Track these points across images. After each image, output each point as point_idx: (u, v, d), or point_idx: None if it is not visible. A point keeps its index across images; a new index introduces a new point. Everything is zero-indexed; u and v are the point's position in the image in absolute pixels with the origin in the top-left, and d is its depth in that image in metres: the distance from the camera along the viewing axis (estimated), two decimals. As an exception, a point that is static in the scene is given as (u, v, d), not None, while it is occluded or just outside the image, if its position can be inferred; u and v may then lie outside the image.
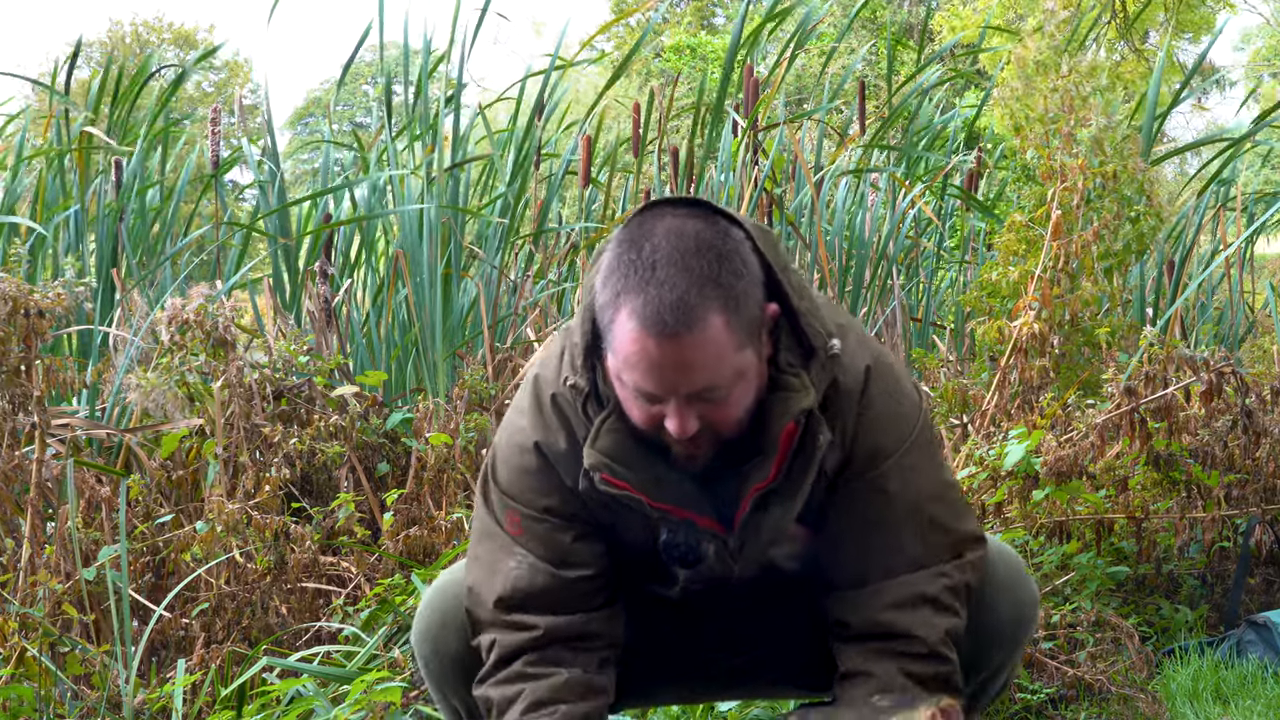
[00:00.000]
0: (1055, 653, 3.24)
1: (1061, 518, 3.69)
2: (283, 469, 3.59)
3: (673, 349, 1.77)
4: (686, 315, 1.76)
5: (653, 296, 1.77)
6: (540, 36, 36.62)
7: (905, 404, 2.01)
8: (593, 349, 1.91)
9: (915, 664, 1.93)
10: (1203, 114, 25.91)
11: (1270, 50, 27.64)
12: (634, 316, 1.78)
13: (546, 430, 1.99)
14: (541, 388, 2.01)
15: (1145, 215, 4.36)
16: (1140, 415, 3.80)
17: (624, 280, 1.80)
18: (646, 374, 1.80)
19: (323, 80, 43.77)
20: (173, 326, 3.66)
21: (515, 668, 1.99)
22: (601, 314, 1.84)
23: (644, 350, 1.78)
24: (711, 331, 1.77)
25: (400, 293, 5.33)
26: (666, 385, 1.80)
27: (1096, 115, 4.34)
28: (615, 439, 1.91)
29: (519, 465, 2.01)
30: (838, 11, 16.03)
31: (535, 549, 2.00)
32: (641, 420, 1.87)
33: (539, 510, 2.00)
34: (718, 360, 1.79)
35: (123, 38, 32.49)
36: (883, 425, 1.98)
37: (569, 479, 1.98)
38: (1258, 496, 3.89)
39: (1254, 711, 3.14)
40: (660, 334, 1.76)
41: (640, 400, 1.84)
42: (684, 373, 1.79)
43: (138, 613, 3.36)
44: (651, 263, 1.78)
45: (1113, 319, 4.36)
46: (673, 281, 1.77)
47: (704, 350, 1.78)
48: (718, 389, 1.82)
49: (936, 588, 1.95)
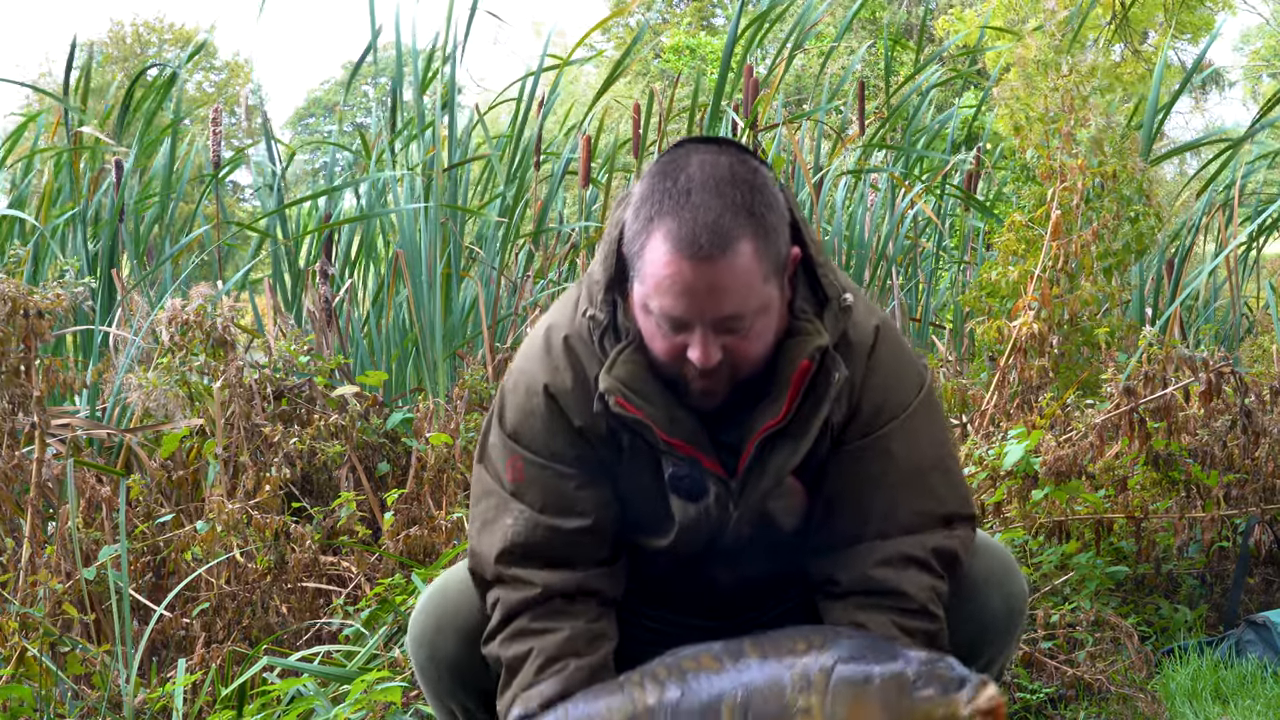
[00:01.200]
0: (1055, 652, 3.24)
1: (1061, 517, 3.69)
2: (283, 469, 3.59)
3: (704, 271, 1.80)
4: (720, 239, 1.80)
5: (687, 219, 1.81)
6: (540, 37, 36.64)
7: (911, 369, 2.04)
8: (614, 283, 1.95)
9: (906, 619, 1.95)
10: (1202, 114, 25.92)
11: (1269, 50, 27.64)
12: (668, 239, 1.81)
13: (555, 372, 2.00)
14: (553, 332, 2.03)
15: (1145, 215, 4.37)
16: (1139, 415, 3.80)
17: (658, 206, 1.83)
18: (677, 297, 1.82)
19: (323, 80, 43.79)
20: (173, 326, 3.66)
21: (519, 624, 2.00)
22: (631, 244, 1.87)
23: (676, 273, 1.81)
24: (742, 258, 1.81)
25: (400, 293, 5.33)
26: (695, 309, 1.83)
27: (1096, 115, 4.35)
28: (632, 369, 1.94)
29: (527, 408, 2.02)
30: (839, 12, 16.03)
31: (535, 499, 2.01)
32: (664, 351, 1.89)
33: (544, 454, 2.01)
34: (746, 288, 1.83)
35: (123, 38, 32.48)
36: (889, 385, 2.01)
37: (577, 418, 1.99)
38: (1257, 496, 3.89)
39: (1253, 711, 3.14)
40: (694, 255, 1.80)
41: (666, 329, 1.86)
42: (713, 297, 1.82)
43: (138, 612, 3.36)
44: (686, 189, 1.83)
45: (1112, 319, 4.36)
46: (707, 205, 1.81)
47: (734, 276, 1.81)
48: (743, 318, 1.85)
49: (926, 551, 1.98)
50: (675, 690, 1.86)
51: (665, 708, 1.83)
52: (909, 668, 1.76)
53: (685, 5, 26.91)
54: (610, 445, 2.00)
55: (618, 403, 1.93)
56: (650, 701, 1.85)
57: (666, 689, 1.85)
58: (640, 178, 1.91)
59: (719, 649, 1.86)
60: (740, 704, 1.81)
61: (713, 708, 1.83)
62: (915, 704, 1.76)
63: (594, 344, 1.98)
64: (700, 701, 1.84)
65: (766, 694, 1.80)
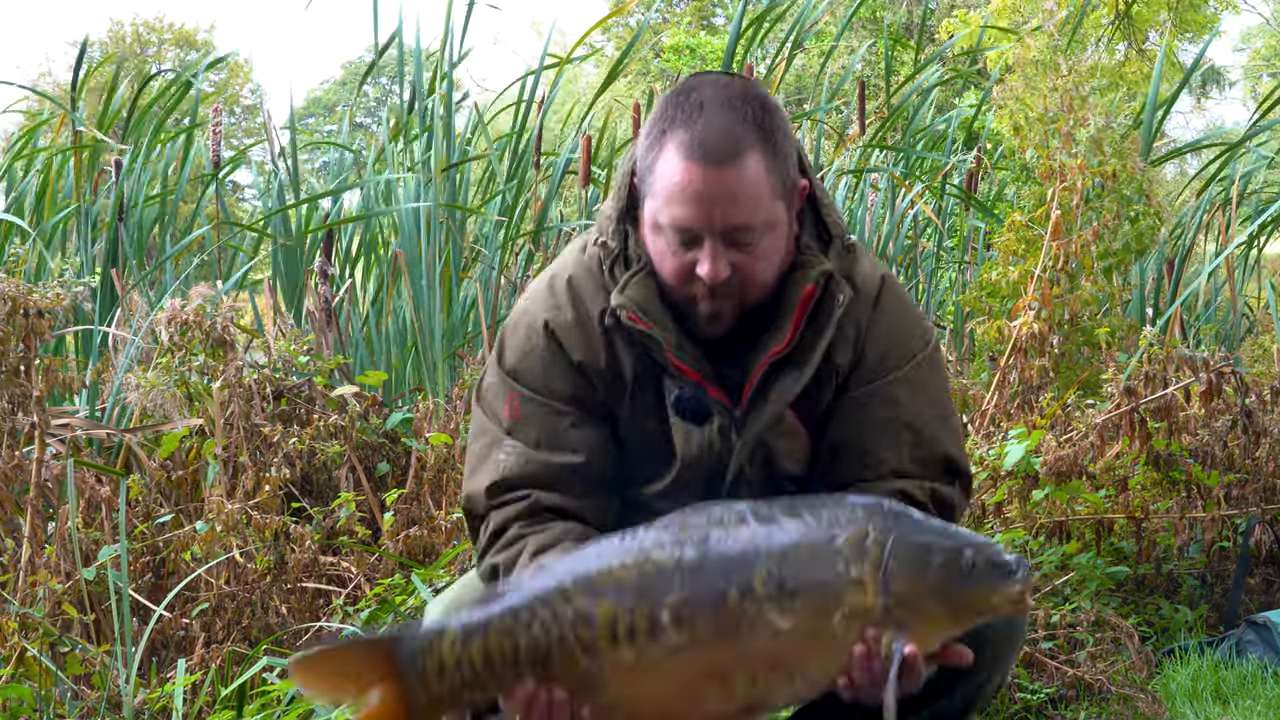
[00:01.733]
0: (1055, 653, 3.24)
1: (1061, 518, 3.69)
2: (283, 469, 3.59)
3: (715, 178, 1.85)
4: (732, 147, 1.85)
5: (699, 129, 1.86)
6: (541, 36, 36.67)
7: (917, 324, 2.07)
8: (625, 214, 1.99)
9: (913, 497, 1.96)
10: (1202, 114, 25.92)
11: (1270, 50, 27.64)
12: (680, 148, 1.86)
13: (556, 309, 2.03)
14: (556, 272, 2.06)
15: (1145, 215, 4.36)
16: (1140, 415, 3.80)
17: (669, 122, 1.89)
18: (689, 204, 1.86)
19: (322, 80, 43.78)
20: (172, 327, 3.66)
21: (510, 533, 1.98)
22: (643, 161, 1.92)
23: (688, 180, 1.85)
24: (753, 169, 1.86)
25: (400, 293, 5.33)
26: (705, 217, 1.86)
27: (1096, 115, 4.35)
28: (642, 292, 1.96)
29: (525, 346, 2.04)
30: (840, 11, 16.02)
31: (529, 435, 2.00)
32: (673, 270, 1.91)
33: (541, 391, 2.01)
34: (755, 199, 1.87)
35: (124, 38, 32.48)
36: (894, 334, 2.03)
37: (576, 352, 2.00)
38: (1257, 496, 3.89)
39: (1254, 711, 3.14)
40: (705, 161, 1.85)
41: (676, 244, 1.89)
42: (724, 205, 1.86)
43: (138, 613, 3.36)
44: (699, 104, 1.89)
45: (1112, 319, 4.36)
46: (721, 117, 1.87)
47: (744, 184, 1.86)
48: (752, 230, 1.88)
49: (925, 494, 1.99)
50: (693, 550, 1.67)
51: (682, 568, 1.67)
52: (965, 547, 1.70)
53: (685, 4, 26.92)
54: (610, 382, 2.01)
55: (629, 317, 1.95)
56: (661, 559, 1.68)
57: (683, 548, 1.68)
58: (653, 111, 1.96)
59: (745, 508, 1.71)
60: (774, 569, 1.65)
61: (740, 571, 1.65)
62: (969, 584, 1.68)
63: (604, 273, 2.00)
64: (725, 562, 1.66)
65: (807, 560, 1.66)
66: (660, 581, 1.66)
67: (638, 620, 1.65)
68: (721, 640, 1.65)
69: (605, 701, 1.69)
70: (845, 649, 1.67)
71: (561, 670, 1.68)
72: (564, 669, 1.68)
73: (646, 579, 1.67)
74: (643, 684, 1.67)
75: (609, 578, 1.68)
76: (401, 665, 1.70)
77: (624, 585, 1.67)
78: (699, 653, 1.66)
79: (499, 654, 1.69)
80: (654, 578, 1.66)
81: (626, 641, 1.66)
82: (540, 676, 1.68)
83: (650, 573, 1.67)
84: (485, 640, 1.69)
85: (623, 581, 1.67)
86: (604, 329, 2.00)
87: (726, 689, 1.67)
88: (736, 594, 1.65)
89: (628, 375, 2.01)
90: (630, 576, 1.67)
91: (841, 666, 1.68)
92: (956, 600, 1.69)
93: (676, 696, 1.68)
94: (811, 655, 1.68)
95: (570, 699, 1.68)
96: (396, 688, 1.70)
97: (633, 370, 2.00)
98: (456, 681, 1.70)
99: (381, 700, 1.70)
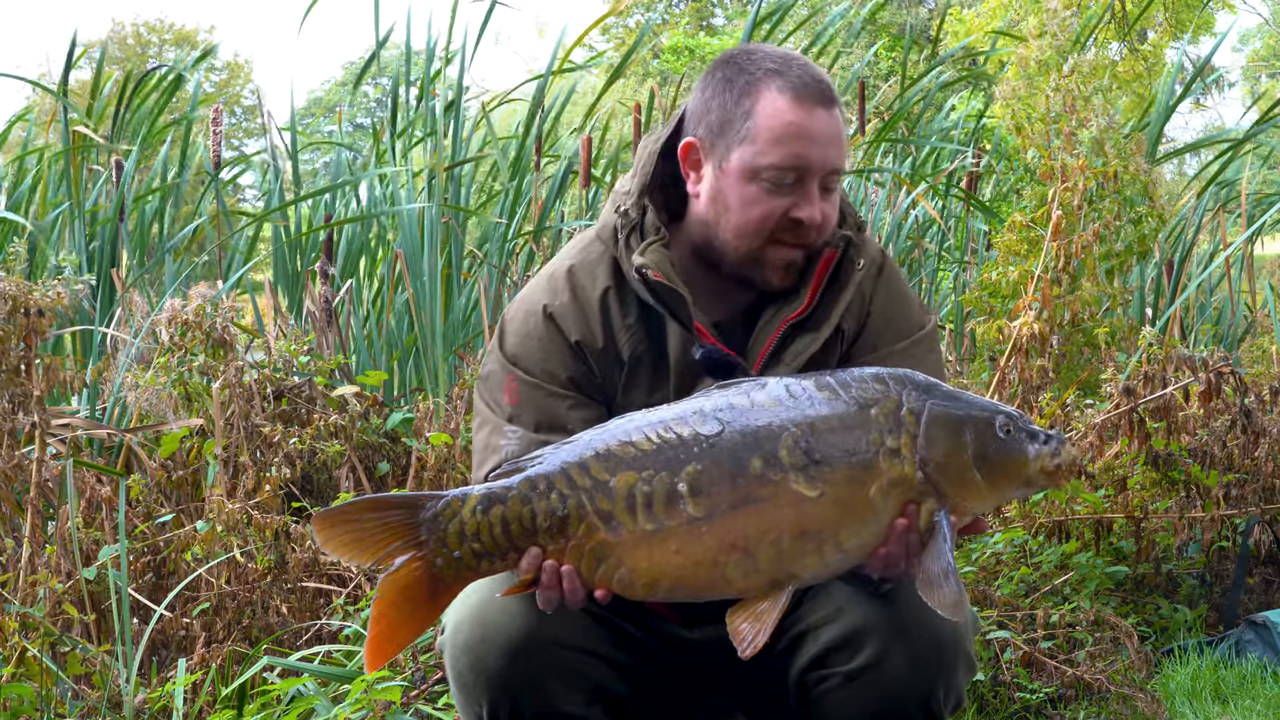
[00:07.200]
0: (1054, 652, 3.24)
1: (1060, 517, 3.69)
2: (283, 469, 3.59)
3: (827, 117, 1.90)
4: (830, 91, 1.92)
5: (796, 74, 1.90)
6: (543, 38, 36.65)
7: (917, 303, 2.11)
8: (648, 189, 2.00)
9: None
10: (1202, 114, 25.92)
11: (1269, 50, 27.63)
12: (785, 91, 1.89)
13: (555, 293, 2.04)
14: (555, 265, 2.08)
15: (1147, 216, 4.36)
16: (1139, 415, 3.80)
17: (754, 74, 1.92)
18: (803, 142, 1.89)
19: (323, 80, 43.77)
20: (172, 327, 3.66)
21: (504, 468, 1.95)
22: (725, 114, 1.92)
23: (800, 118, 1.89)
24: (840, 114, 1.93)
25: (401, 293, 5.33)
26: (819, 155, 1.90)
27: (1098, 115, 4.34)
28: (660, 258, 1.97)
29: (524, 331, 2.05)
30: (838, 11, 15.99)
31: (529, 419, 2.01)
32: (761, 217, 1.92)
33: (540, 374, 2.02)
34: (845, 145, 1.94)
35: (124, 38, 32.47)
36: (897, 304, 2.07)
37: (574, 332, 2.01)
38: (1256, 496, 3.89)
39: (1253, 711, 3.14)
40: (815, 101, 1.89)
41: (774, 188, 1.90)
42: (833, 146, 1.91)
43: (138, 612, 3.36)
44: (779, 56, 1.94)
45: (1112, 319, 4.36)
46: (808, 66, 1.92)
47: (840, 128, 1.92)
48: (839, 176, 1.93)
49: None
50: (715, 421, 1.67)
51: (703, 439, 1.66)
52: (998, 414, 1.71)
53: (684, 5, 26.91)
54: (607, 363, 2.02)
55: (655, 276, 1.96)
56: (683, 431, 1.68)
57: (706, 420, 1.67)
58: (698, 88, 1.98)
59: (773, 382, 1.72)
60: (802, 439, 1.65)
61: (765, 441, 1.65)
62: (1005, 451, 1.69)
63: (619, 243, 2.01)
64: (749, 432, 1.66)
65: (839, 430, 1.66)
66: (681, 452, 1.67)
67: (656, 490, 1.67)
68: (741, 510, 1.66)
69: (625, 573, 1.70)
70: (882, 520, 1.67)
71: (580, 539, 1.70)
72: (583, 538, 1.70)
73: (666, 450, 1.68)
74: (662, 554, 1.68)
75: (629, 449, 1.70)
76: (422, 526, 1.72)
77: (643, 456, 1.69)
78: (718, 523, 1.66)
79: (518, 521, 1.72)
80: (674, 448, 1.68)
81: (644, 512, 1.67)
82: (559, 546, 1.71)
83: (671, 443, 1.68)
84: (505, 507, 1.72)
85: (642, 453, 1.69)
86: (602, 310, 2.02)
87: (750, 561, 1.67)
88: (760, 463, 1.66)
89: (625, 356, 2.02)
90: (650, 448, 1.69)
91: (878, 539, 1.68)
92: (994, 468, 1.70)
93: (697, 567, 1.68)
94: (845, 526, 1.67)
95: (591, 569, 1.70)
96: (417, 549, 1.72)
97: (630, 351, 2.02)
98: (476, 547, 1.73)
99: (404, 563, 1.72)
